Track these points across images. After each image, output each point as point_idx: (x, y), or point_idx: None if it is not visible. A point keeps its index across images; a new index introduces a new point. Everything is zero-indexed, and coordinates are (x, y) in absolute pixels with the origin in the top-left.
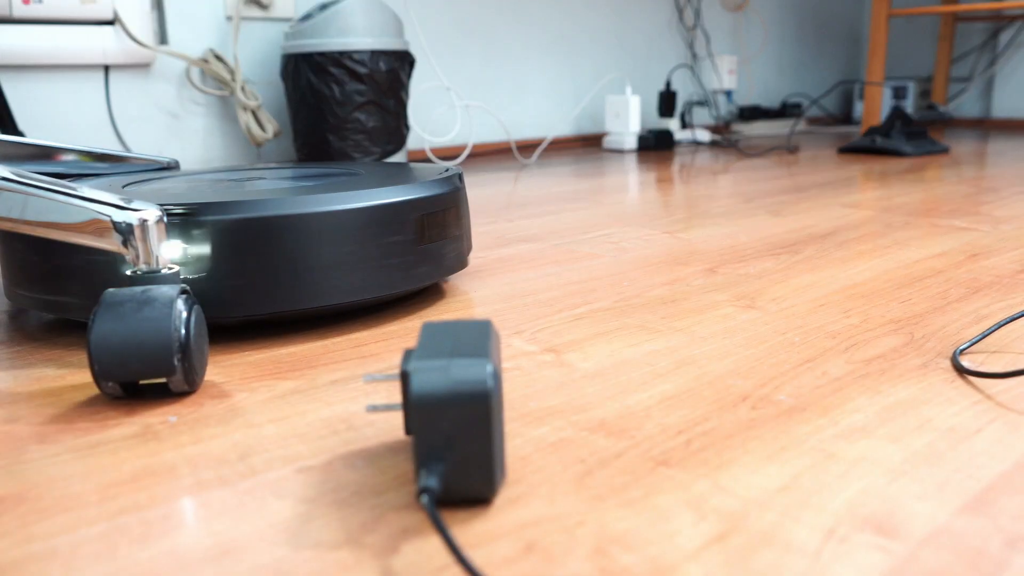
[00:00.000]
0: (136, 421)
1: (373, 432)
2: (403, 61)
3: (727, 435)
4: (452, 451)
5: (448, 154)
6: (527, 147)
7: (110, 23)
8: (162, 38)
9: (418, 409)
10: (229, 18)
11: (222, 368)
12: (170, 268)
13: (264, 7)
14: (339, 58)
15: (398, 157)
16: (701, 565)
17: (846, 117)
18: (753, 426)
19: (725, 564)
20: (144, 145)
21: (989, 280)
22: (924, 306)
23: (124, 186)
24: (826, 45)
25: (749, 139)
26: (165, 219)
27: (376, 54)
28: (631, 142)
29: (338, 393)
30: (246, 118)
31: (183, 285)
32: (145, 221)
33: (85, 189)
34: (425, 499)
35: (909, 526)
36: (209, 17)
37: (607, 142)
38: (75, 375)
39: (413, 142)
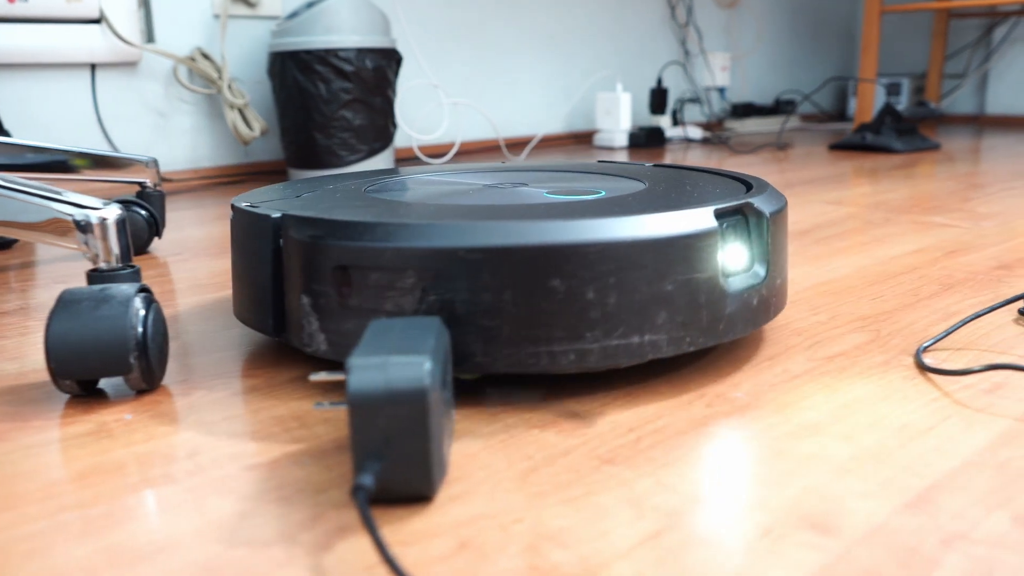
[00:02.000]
0: (91, 419)
1: (325, 430)
2: (390, 59)
3: (678, 432)
4: (390, 449)
5: (436, 152)
6: (518, 145)
7: (96, 22)
8: (149, 36)
9: (354, 407)
10: (216, 16)
11: (184, 366)
12: (131, 267)
13: (252, 5)
14: (325, 56)
15: (385, 155)
16: (632, 563)
17: (840, 114)
18: (705, 423)
19: (656, 562)
20: (131, 144)
21: (963, 277)
22: (894, 303)
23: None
24: (820, 42)
25: (742, 136)
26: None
27: (362, 52)
28: (622, 139)
29: (296, 391)
30: (233, 116)
31: (143, 284)
32: (105, 220)
33: (44, 188)
34: (357, 497)
35: (847, 524)
36: (197, 15)
37: (598, 139)
38: (37, 373)
39: (401, 140)
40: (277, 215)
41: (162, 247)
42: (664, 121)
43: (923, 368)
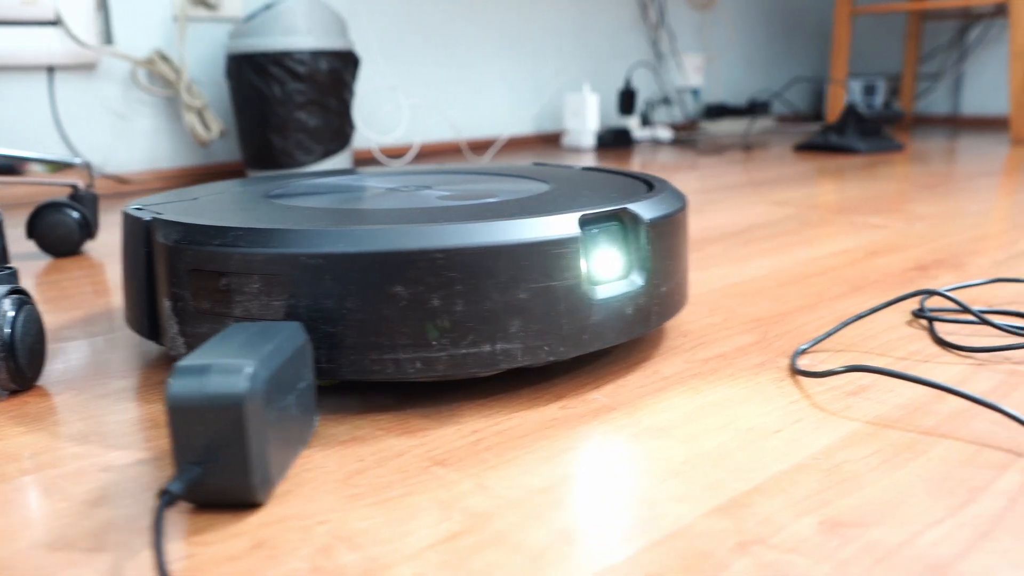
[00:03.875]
0: None
1: None
2: (346, 61)
3: (522, 435)
4: (210, 455)
5: (396, 153)
6: (484, 146)
7: (53, 24)
8: (108, 38)
9: (172, 413)
10: (176, 18)
11: (69, 367)
12: (6, 269)
13: (211, 7)
14: (279, 58)
15: (343, 156)
16: (416, 565)
17: (816, 115)
18: (552, 426)
19: (442, 564)
20: (90, 146)
21: (876, 278)
22: (795, 304)
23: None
24: (796, 43)
25: (715, 137)
26: None
27: (317, 54)
28: (589, 140)
29: (162, 393)
30: (191, 118)
31: (16, 285)
32: None
33: None
34: (160, 501)
35: (650, 528)
36: (156, 17)
37: (565, 140)
38: None
39: (361, 141)
40: (148, 218)
41: (100, 248)
42: (632, 122)
43: (793, 370)
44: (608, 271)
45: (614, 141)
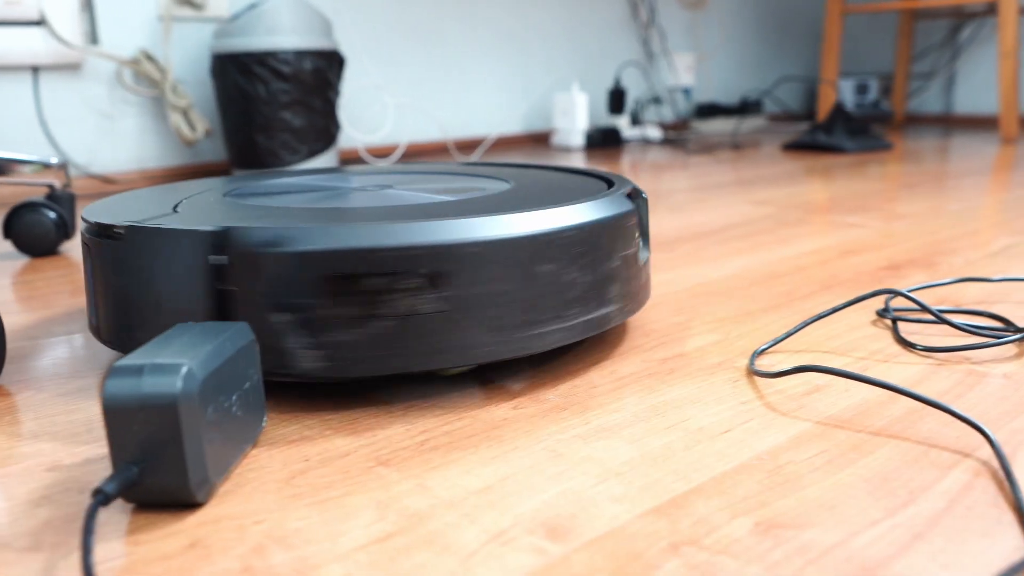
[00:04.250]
0: None
1: None
2: (331, 61)
3: (470, 435)
4: (147, 455)
5: (383, 153)
6: (473, 145)
7: (37, 24)
8: (93, 38)
9: (108, 414)
10: (161, 18)
11: (31, 366)
12: None
13: (197, 7)
14: (263, 58)
15: (328, 156)
16: (346, 565)
17: (809, 114)
18: (502, 426)
19: (371, 565)
20: (75, 146)
21: (847, 278)
22: (763, 304)
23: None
24: (789, 42)
25: (705, 136)
26: None
27: (301, 54)
28: (578, 140)
29: None
30: (176, 118)
31: None
32: None
33: None
34: (93, 500)
35: (584, 529)
36: (141, 17)
37: (554, 140)
38: None
39: (345, 141)
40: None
41: (77, 249)
42: (622, 121)
43: (749, 371)
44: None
45: (603, 141)
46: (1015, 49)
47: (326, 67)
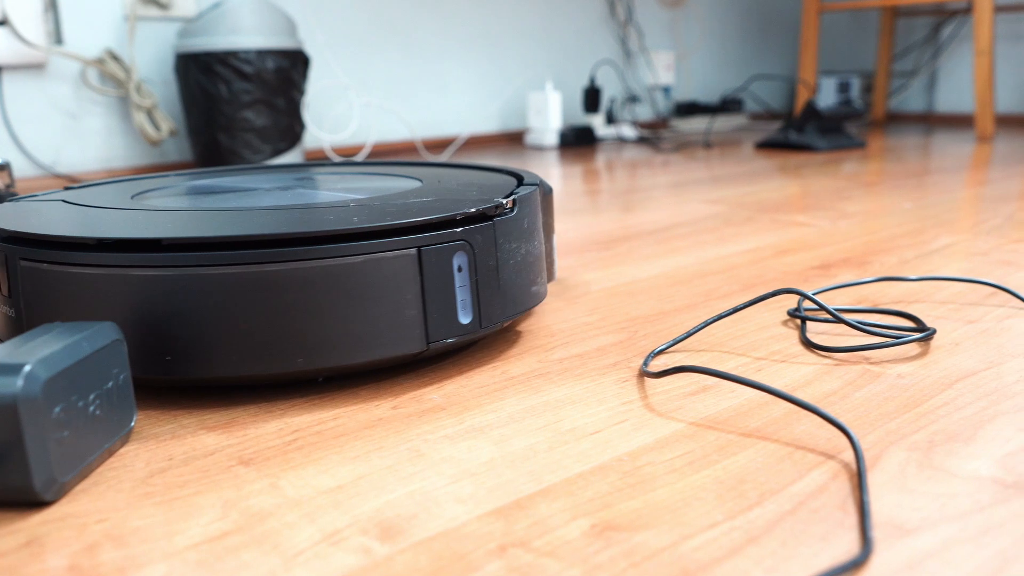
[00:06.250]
0: None
1: None
2: (295, 60)
3: (340, 434)
4: None
5: (350, 152)
6: (445, 144)
7: (1, 24)
8: (57, 38)
9: None
10: (127, 18)
11: None
12: None
13: (163, 7)
14: (225, 57)
15: (293, 155)
16: (172, 563)
17: (789, 112)
18: (376, 426)
19: (197, 564)
20: (40, 146)
21: (772, 277)
22: (679, 303)
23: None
24: (769, 40)
25: (685, 135)
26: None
27: (263, 53)
28: (552, 139)
29: None
30: (140, 118)
31: None
32: None
33: None
34: None
35: (418, 529)
36: (107, 17)
37: (528, 139)
38: None
39: (311, 140)
40: None
41: None
42: (597, 120)
43: (640, 371)
44: None
45: (577, 139)
46: (990, 47)
47: (289, 67)
